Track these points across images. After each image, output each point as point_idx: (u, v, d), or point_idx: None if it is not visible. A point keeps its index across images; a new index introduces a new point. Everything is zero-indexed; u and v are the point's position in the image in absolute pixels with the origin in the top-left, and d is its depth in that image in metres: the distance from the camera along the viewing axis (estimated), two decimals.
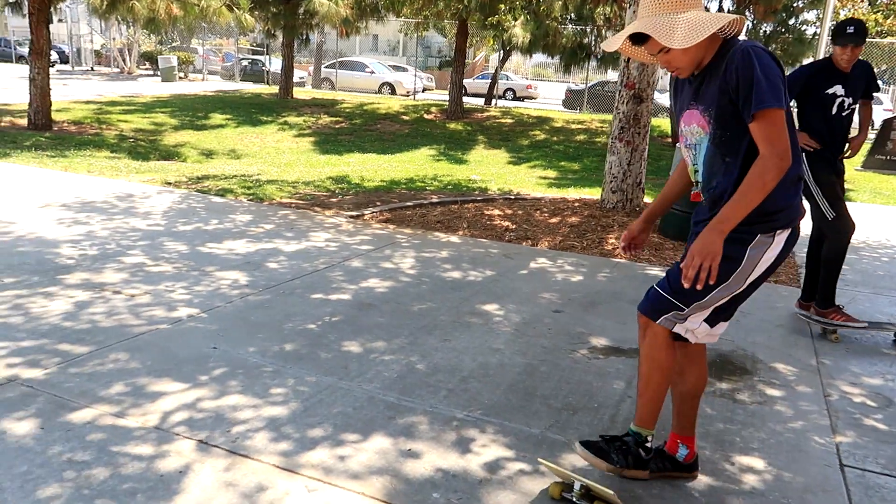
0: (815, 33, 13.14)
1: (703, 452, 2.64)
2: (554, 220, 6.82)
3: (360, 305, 4.10)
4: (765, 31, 13.78)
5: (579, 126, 17.34)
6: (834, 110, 4.07)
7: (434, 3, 16.14)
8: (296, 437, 2.57)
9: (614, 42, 2.23)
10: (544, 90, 34.50)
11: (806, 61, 14.12)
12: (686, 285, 2.03)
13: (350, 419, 2.73)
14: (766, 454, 2.66)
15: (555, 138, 15.84)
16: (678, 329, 2.26)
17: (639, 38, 2.14)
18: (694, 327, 2.26)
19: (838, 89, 4.03)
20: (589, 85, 22.95)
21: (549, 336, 3.81)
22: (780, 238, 2.14)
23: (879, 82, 4.50)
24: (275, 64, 26.07)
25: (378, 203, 7.62)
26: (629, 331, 3.95)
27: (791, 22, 13.56)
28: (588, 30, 16.28)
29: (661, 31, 2.04)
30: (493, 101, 22.32)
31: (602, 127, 17.28)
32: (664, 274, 2.31)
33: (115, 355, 3.16)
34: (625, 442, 2.33)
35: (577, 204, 7.48)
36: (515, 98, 31.76)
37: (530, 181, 10.92)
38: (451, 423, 2.76)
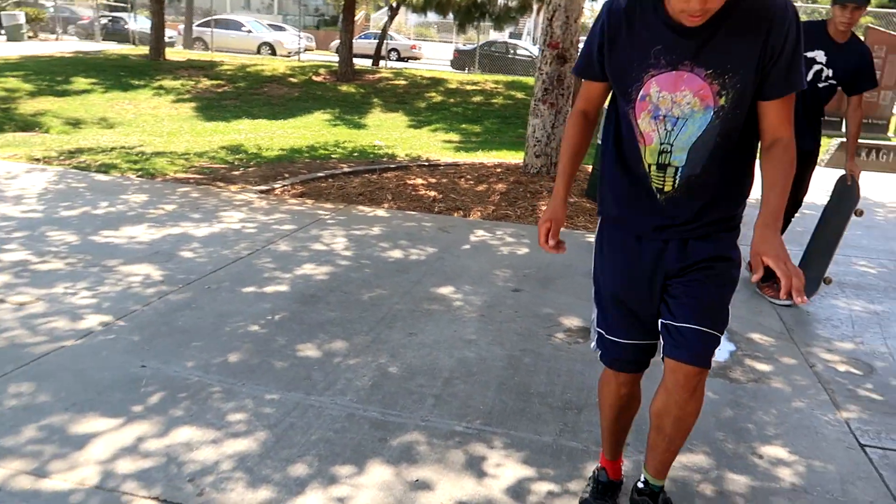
0: None
1: (726, 445, 2.44)
2: (480, 187, 6.50)
3: (302, 298, 3.60)
4: None
5: (474, 87, 17.05)
6: (809, 77, 3.73)
7: None
8: (276, 478, 2.10)
9: None
10: (428, 50, 33.88)
11: None
12: (799, 300, 1.48)
13: (335, 446, 2.28)
14: (787, 441, 2.50)
15: (451, 100, 15.48)
16: (710, 365, 1.75)
17: None
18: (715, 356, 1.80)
19: (819, 55, 3.71)
20: (477, 45, 22.67)
21: (518, 320, 3.50)
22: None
23: None
24: (140, 22, 23.76)
25: (286, 175, 6.97)
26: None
27: None
28: None
29: None
30: (381, 63, 21.56)
31: (496, 88, 17.10)
32: (598, 296, 1.89)
33: (16, 387, 2.51)
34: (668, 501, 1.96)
35: (499, 170, 7.20)
36: (400, 59, 30.95)
37: (436, 145, 10.54)
38: (453, 438, 2.38)
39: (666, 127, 1.65)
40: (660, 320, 1.77)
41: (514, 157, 8.79)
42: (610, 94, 1.80)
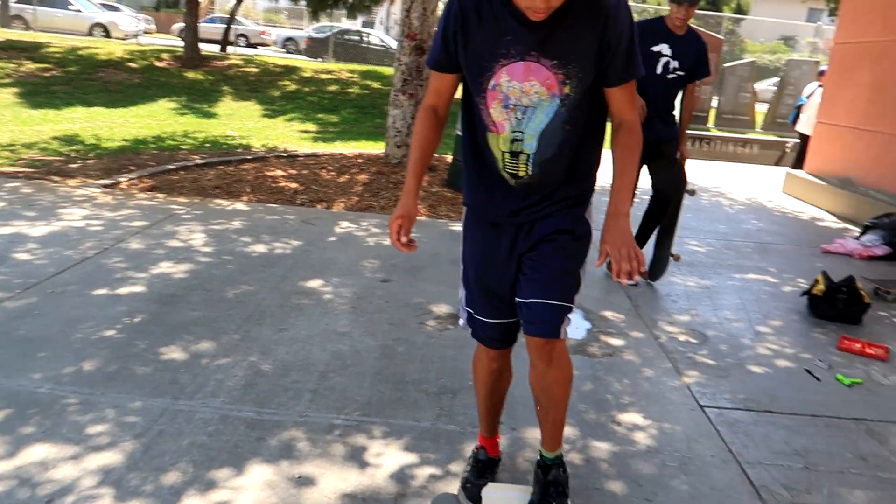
0: None
1: (588, 416, 2.64)
2: (342, 178, 6.45)
3: (161, 298, 3.41)
4: None
5: (329, 76, 16.77)
6: (659, 70, 3.93)
7: None
8: (148, 490, 2.00)
9: None
10: (278, 37, 32.81)
11: None
12: (625, 280, 1.63)
13: (209, 451, 2.21)
14: (640, 408, 2.74)
15: (306, 89, 15.13)
16: (566, 332, 1.84)
17: None
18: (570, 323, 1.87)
19: (664, 48, 3.91)
20: (331, 33, 22.31)
21: (389, 310, 3.54)
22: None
23: None
24: None
25: (132, 167, 6.52)
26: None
27: None
28: None
29: None
30: (231, 49, 20.60)
31: (352, 77, 16.93)
32: (466, 278, 1.96)
33: None
34: (558, 481, 2.01)
35: (360, 160, 7.17)
36: (249, 45, 29.75)
37: (292, 135, 10.29)
38: (332, 432, 2.38)
39: (517, 115, 1.72)
40: (516, 299, 1.87)
41: (374, 148, 8.79)
42: (462, 87, 1.84)
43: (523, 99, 1.70)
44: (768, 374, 3.17)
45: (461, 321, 2.06)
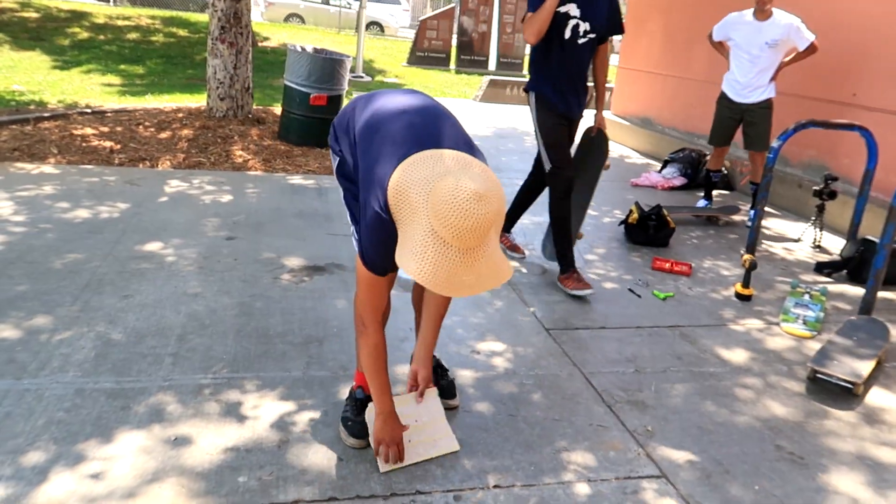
0: None
1: (450, 348, 2.81)
2: (164, 135, 6.02)
3: None
4: None
5: (127, 23, 15.24)
6: (567, 34, 3.38)
7: None
8: (8, 473, 1.86)
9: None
10: None
11: None
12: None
13: (70, 426, 2.08)
14: (496, 336, 2.97)
15: (102, 37, 13.67)
16: None
17: None
18: None
19: (572, 8, 3.33)
20: None
21: (239, 267, 3.46)
22: None
23: None
24: None
25: None
26: (313, 246, 3.84)
27: None
28: None
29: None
30: None
31: (153, 24, 15.54)
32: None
33: None
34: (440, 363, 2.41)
35: (180, 115, 6.70)
36: None
37: (94, 90, 9.33)
38: (203, 391, 2.34)
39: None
40: None
41: (191, 101, 8.25)
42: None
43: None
44: (599, 296, 3.55)
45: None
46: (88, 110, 7.02)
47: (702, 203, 5.49)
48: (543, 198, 3.95)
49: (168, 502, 1.82)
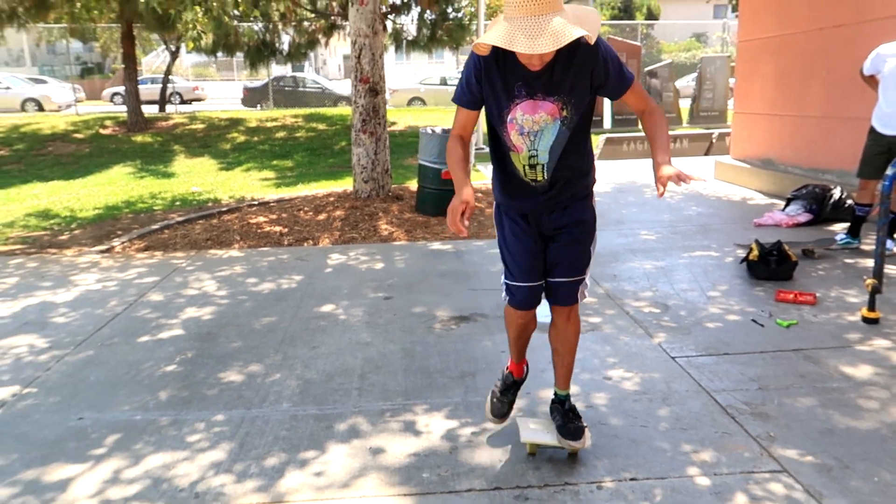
0: (472, 17, 15.04)
1: (583, 376, 3.23)
2: (321, 217, 6.97)
3: (200, 337, 3.88)
4: (431, 20, 15.33)
5: (275, 124, 17.26)
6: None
7: (87, 8, 14.46)
8: (254, 472, 2.50)
9: (543, 44, 2.00)
10: (211, 90, 33.08)
11: (468, 45, 15.93)
12: (689, 181, 2.15)
13: (292, 440, 2.72)
14: (624, 365, 3.35)
15: (255, 138, 15.58)
16: (584, 296, 2.53)
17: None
18: (587, 286, 2.55)
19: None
20: (265, 81, 22.80)
21: (398, 321, 4.09)
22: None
23: None
24: None
25: (119, 232, 6.90)
26: (457, 300, 4.41)
27: (449, 10, 15.28)
28: (269, 27, 16.19)
29: (571, 28, 2.02)
30: (170, 108, 20.90)
31: (296, 122, 17.45)
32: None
33: None
34: (573, 408, 2.64)
35: (332, 199, 7.70)
36: (183, 102, 29.89)
37: (254, 184, 10.73)
38: (384, 415, 2.92)
39: (530, 139, 2.29)
40: (547, 279, 2.50)
41: (338, 185, 9.34)
42: (486, 117, 2.38)
43: (534, 126, 2.26)
44: (722, 328, 3.83)
45: (503, 294, 2.58)
46: (255, 202, 8.21)
47: (842, 237, 5.48)
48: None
49: (373, 491, 2.37)
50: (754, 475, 2.41)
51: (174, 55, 21.07)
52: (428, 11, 15.09)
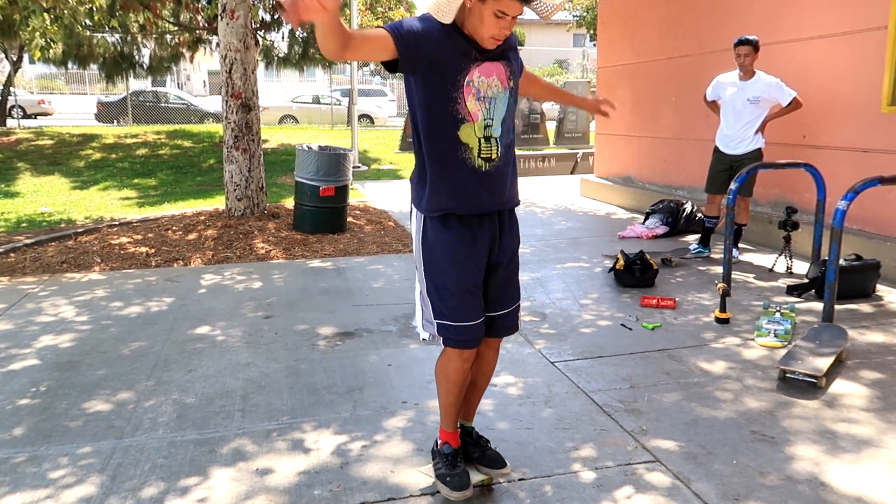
0: None
1: None
2: (191, 236, 6.65)
3: (59, 366, 3.57)
4: (303, 37, 15.17)
5: (135, 140, 16.29)
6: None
7: None
8: (138, 496, 2.33)
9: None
10: (60, 104, 30.67)
11: (341, 63, 15.82)
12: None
13: (171, 468, 2.56)
14: (508, 371, 3.46)
15: (114, 155, 14.62)
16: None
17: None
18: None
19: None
20: (123, 96, 21.49)
21: (280, 339, 3.98)
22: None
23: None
24: None
25: None
26: (341, 316, 4.37)
27: None
28: (127, 38, 15.28)
29: None
30: (11, 122, 19.13)
31: (159, 139, 16.58)
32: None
33: None
34: (481, 436, 2.52)
35: (202, 217, 7.36)
36: (26, 116, 27.45)
37: (113, 204, 10.07)
38: (270, 435, 2.82)
39: (486, 105, 2.13)
40: (487, 313, 2.29)
41: (208, 204, 8.97)
42: (424, 115, 2.14)
43: (489, 91, 2.12)
44: (595, 332, 4.05)
45: (425, 335, 2.31)
46: (116, 222, 7.69)
47: (694, 247, 6.01)
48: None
49: None
50: (631, 466, 2.56)
51: (16, 65, 19.36)
52: (300, 29, 14.92)
